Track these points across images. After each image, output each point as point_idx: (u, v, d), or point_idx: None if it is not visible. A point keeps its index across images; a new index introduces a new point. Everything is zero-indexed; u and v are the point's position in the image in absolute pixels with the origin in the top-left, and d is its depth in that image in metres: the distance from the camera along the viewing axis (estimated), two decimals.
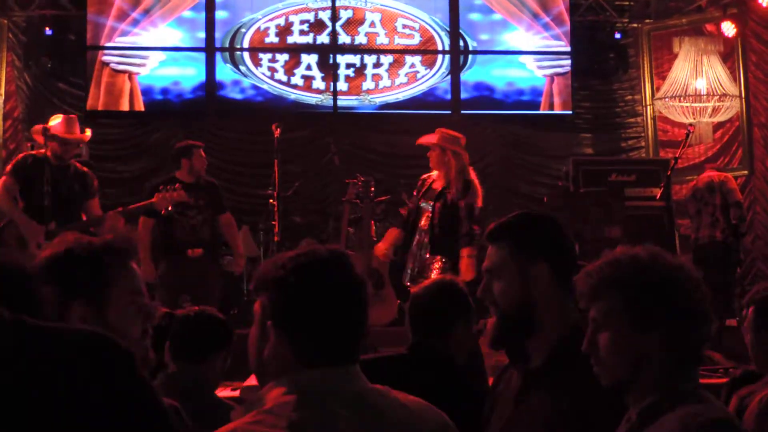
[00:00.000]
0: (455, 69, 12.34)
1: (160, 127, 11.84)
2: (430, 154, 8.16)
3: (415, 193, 8.33)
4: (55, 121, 7.95)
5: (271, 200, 9.47)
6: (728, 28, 11.83)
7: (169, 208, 8.06)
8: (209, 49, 11.94)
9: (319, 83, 12.13)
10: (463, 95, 12.39)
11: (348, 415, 2.04)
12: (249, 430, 2.00)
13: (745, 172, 12.06)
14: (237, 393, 6.27)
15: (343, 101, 12.17)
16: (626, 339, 2.33)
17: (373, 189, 9.43)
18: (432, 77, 12.36)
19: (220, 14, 12.02)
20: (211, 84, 11.92)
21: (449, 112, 12.26)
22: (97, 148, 11.41)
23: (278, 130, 9.34)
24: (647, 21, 12.90)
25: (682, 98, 11.96)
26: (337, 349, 2.11)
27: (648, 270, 2.34)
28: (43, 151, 7.81)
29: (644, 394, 2.34)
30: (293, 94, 12.10)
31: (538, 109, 12.52)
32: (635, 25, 12.92)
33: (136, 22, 11.84)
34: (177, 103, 11.96)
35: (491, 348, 2.89)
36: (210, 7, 11.91)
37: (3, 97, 11.35)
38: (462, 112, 12.30)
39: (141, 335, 2.41)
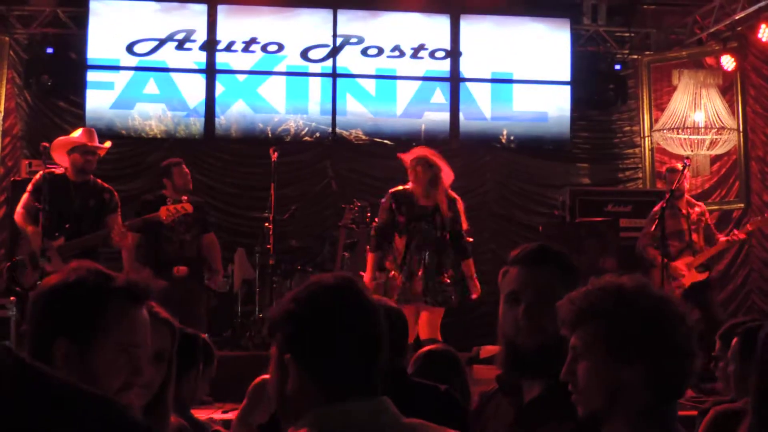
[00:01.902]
0: (455, 96, 12.35)
1: (158, 148, 11.84)
2: (417, 170, 7.97)
3: (387, 211, 8.04)
4: (76, 133, 8.04)
5: (267, 224, 9.50)
6: (728, 62, 11.86)
7: (174, 221, 8.09)
8: (209, 71, 11.95)
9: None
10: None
11: None
12: None
13: (741, 205, 12.06)
14: (228, 416, 6.24)
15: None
16: (605, 368, 2.28)
17: (369, 214, 9.45)
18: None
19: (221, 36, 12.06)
20: (210, 105, 11.92)
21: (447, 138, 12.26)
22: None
23: (275, 153, 9.39)
24: (647, 53, 12.94)
25: (680, 130, 11.99)
26: (358, 376, 2.07)
27: (632, 301, 2.29)
28: (62, 170, 7.88)
29: (621, 426, 2.30)
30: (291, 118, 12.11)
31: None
32: (635, 56, 12.96)
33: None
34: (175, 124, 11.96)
35: (506, 373, 2.84)
36: (212, 29, 11.93)
37: (2, 114, 11.36)
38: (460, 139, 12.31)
39: (121, 388, 2.30)
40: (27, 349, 2.29)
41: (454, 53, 12.39)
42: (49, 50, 11.60)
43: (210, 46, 11.96)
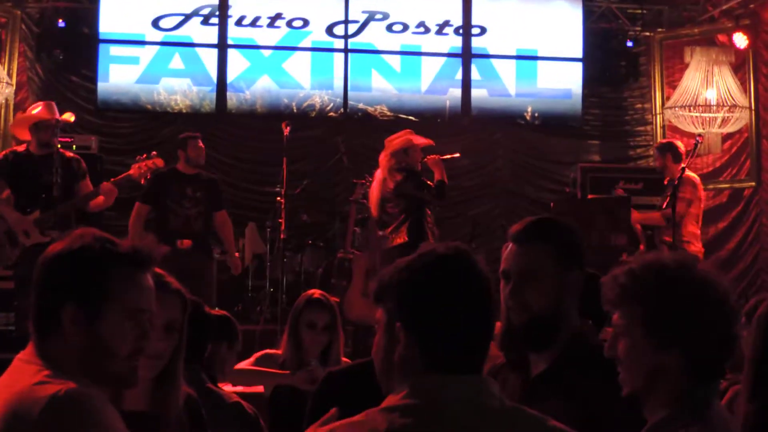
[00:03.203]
0: (466, 73, 12.33)
1: (171, 123, 11.85)
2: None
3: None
4: (37, 108, 8.06)
5: (278, 198, 9.51)
6: (740, 40, 11.81)
7: (147, 177, 8.09)
8: (221, 45, 11.94)
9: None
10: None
11: (464, 431, 1.99)
12: (348, 431, 1.99)
13: (753, 183, 12.04)
14: (238, 389, 6.25)
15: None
16: (643, 350, 2.29)
17: None
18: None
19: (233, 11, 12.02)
20: (222, 80, 11.92)
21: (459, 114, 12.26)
22: (107, 141, 11.49)
23: (288, 128, 9.40)
24: (659, 30, 12.89)
25: (691, 108, 11.94)
26: (466, 351, 2.06)
27: (674, 283, 2.29)
28: (24, 146, 7.92)
29: (659, 408, 2.31)
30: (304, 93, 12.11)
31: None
32: (647, 33, 12.91)
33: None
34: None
35: (507, 350, 2.86)
36: (223, 4, 11.91)
37: (14, 87, 11.37)
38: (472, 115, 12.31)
39: (131, 353, 2.32)
40: (33, 316, 2.32)
41: (465, 29, 12.33)
42: (61, 24, 11.58)
43: (222, 20, 11.91)
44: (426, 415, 1.97)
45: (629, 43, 12.69)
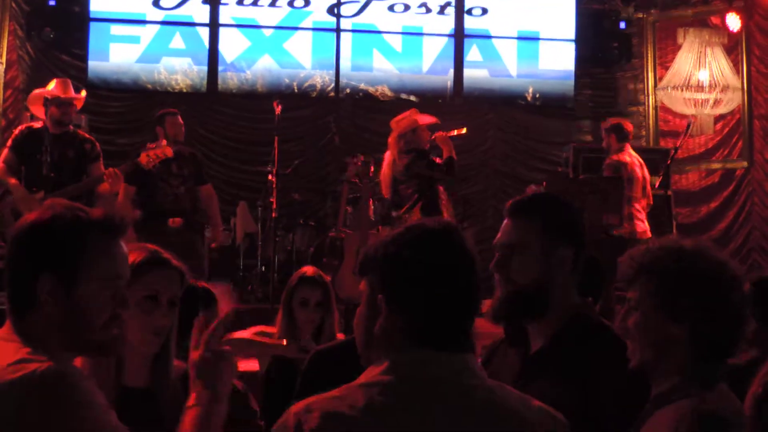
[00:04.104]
0: (458, 53, 12.31)
1: (162, 102, 11.80)
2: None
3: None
4: (51, 86, 7.96)
5: (270, 177, 9.49)
6: (733, 21, 11.81)
7: (156, 165, 8.03)
8: (213, 24, 11.89)
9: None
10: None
11: (443, 409, 1.95)
12: (325, 406, 1.95)
13: (745, 164, 12.07)
14: None
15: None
16: (654, 322, 2.34)
17: (372, 169, 9.44)
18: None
19: None
20: (213, 60, 11.87)
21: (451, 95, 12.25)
22: (96, 120, 11.42)
23: (279, 107, 9.37)
24: (652, 11, 12.87)
25: (684, 89, 11.95)
26: (447, 327, 2.03)
27: (689, 263, 2.34)
28: (41, 123, 7.82)
29: (664, 380, 2.36)
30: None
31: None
32: (640, 15, 12.89)
33: None
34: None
35: (494, 321, 2.85)
36: None
37: (4, 65, 11.31)
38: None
39: (109, 320, 2.27)
40: (8, 289, 2.27)
41: (458, 10, 12.32)
42: (51, 2, 11.50)
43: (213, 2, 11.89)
44: (404, 392, 1.94)
45: (622, 24, 12.67)
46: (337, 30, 12.10)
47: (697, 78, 11.94)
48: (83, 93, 8.16)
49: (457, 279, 2.04)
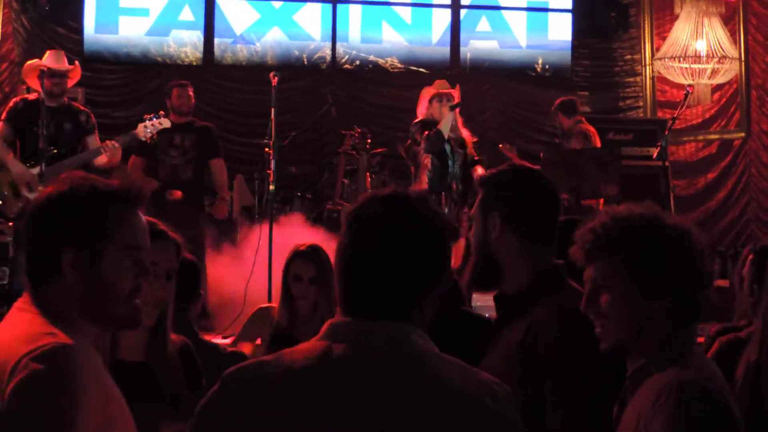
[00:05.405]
0: (455, 23, 12.26)
1: (158, 75, 11.77)
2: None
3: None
4: (46, 56, 7.93)
5: (267, 149, 9.45)
6: None
7: (153, 137, 8.00)
8: None
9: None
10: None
11: (366, 378, 1.87)
12: (253, 369, 1.93)
13: (742, 134, 12.06)
14: (228, 341, 6.26)
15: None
16: (632, 303, 2.29)
17: (369, 141, 9.43)
18: None
19: None
20: (209, 31, 11.82)
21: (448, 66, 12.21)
22: (93, 93, 11.37)
23: (275, 78, 9.32)
24: None
25: (681, 59, 11.91)
26: (380, 295, 1.94)
27: (657, 233, 2.29)
28: (36, 95, 7.79)
29: (641, 356, 2.33)
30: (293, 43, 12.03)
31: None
32: None
33: None
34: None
35: (472, 289, 3.05)
36: None
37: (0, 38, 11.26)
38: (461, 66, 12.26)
39: (131, 291, 2.27)
40: (29, 266, 2.27)
41: None
42: None
43: None
44: (336, 359, 1.89)
45: None
46: (334, 2, 12.04)
47: (694, 48, 11.89)
48: (76, 65, 8.13)
49: (399, 248, 1.94)
